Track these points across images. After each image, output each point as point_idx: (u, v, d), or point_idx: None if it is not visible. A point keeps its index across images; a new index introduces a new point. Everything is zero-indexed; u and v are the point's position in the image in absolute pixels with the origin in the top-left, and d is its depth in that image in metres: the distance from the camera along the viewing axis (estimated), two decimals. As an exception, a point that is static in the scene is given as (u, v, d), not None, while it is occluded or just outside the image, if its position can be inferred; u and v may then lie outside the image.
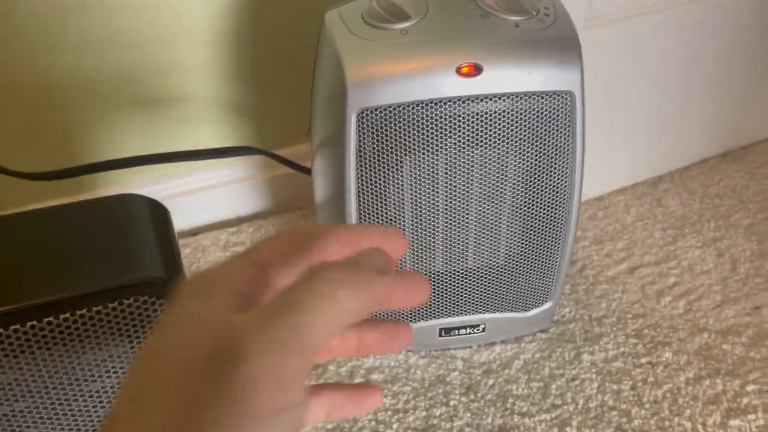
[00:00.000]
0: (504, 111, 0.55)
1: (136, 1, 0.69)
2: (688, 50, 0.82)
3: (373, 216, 0.59)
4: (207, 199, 0.84)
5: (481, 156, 0.57)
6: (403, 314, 0.65)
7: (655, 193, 0.90)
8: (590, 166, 0.85)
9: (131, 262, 0.48)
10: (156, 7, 0.70)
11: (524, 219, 0.61)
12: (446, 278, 0.63)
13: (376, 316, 0.28)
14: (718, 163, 0.96)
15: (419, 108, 0.54)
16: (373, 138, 0.55)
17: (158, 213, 0.55)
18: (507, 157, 0.57)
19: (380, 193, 0.58)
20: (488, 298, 0.65)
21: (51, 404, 0.48)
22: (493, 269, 0.64)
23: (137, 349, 0.48)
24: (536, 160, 0.58)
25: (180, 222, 0.84)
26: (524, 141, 0.56)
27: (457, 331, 0.67)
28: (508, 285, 0.65)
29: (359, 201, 0.58)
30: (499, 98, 0.54)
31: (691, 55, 0.83)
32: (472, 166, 0.58)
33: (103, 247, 0.50)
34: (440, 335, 0.67)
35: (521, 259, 0.63)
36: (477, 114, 0.54)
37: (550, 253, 0.63)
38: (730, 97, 0.91)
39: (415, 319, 0.65)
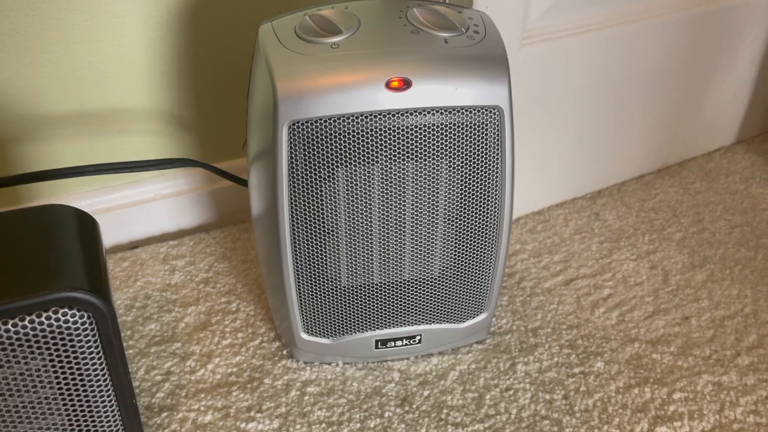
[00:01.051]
0: (433, 125, 0.56)
1: (72, 12, 0.69)
2: (621, 68, 0.85)
3: (307, 228, 0.59)
4: (148, 212, 0.83)
5: (414, 168, 0.58)
6: (338, 325, 0.65)
7: (594, 207, 0.93)
8: (530, 180, 0.88)
9: (53, 274, 0.47)
10: (92, 18, 0.70)
11: (458, 231, 0.62)
12: (382, 289, 0.64)
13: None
14: (655, 178, 0.99)
15: (350, 121, 0.54)
16: (304, 150, 0.55)
17: (86, 224, 0.54)
18: (439, 170, 0.58)
19: (314, 206, 0.58)
20: (424, 309, 0.66)
21: (-35, 419, 0.47)
22: (429, 281, 0.64)
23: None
24: (467, 173, 0.59)
25: (120, 235, 0.83)
26: (454, 154, 0.57)
27: (393, 343, 0.67)
28: (443, 296, 0.65)
29: (292, 213, 0.58)
30: (428, 112, 0.55)
31: (624, 73, 0.85)
32: (406, 179, 0.58)
33: (25, 258, 0.49)
34: (377, 347, 0.67)
35: (456, 270, 0.64)
36: (407, 127, 0.55)
37: (484, 265, 0.65)
38: (664, 114, 0.94)
39: (351, 330, 0.66)
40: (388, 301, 0.64)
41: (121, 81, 0.75)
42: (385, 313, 0.65)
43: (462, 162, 0.58)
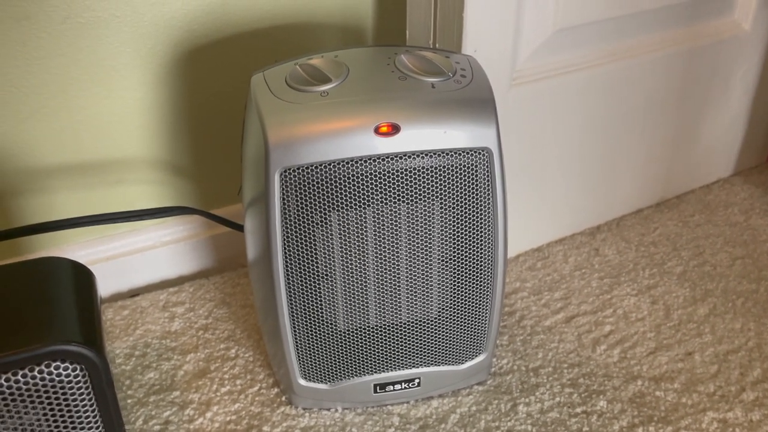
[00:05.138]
0: (423, 167, 0.56)
1: (69, 67, 0.71)
2: (613, 105, 0.86)
3: (301, 273, 0.59)
4: (147, 260, 0.84)
5: (407, 211, 0.58)
6: (335, 370, 0.65)
7: (593, 243, 0.92)
8: (528, 217, 0.88)
9: (47, 327, 0.48)
10: (89, 72, 0.72)
11: (453, 272, 0.62)
12: (379, 333, 0.64)
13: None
14: (653, 212, 0.98)
15: (340, 166, 0.55)
16: (296, 196, 0.56)
17: (81, 276, 0.55)
18: (432, 212, 0.59)
19: (307, 250, 0.58)
20: (422, 351, 0.65)
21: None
22: (426, 322, 0.64)
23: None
24: (459, 214, 0.59)
25: (120, 283, 0.84)
26: (446, 196, 0.58)
27: (392, 387, 0.67)
28: (441, 338, 0.65)
29: (286, 258, 0.58)
30: (418, 155, 0.56)
31: (617, 110, 0.86)
32: (399, 221, 0.59)
33: (19, 311, 0.49)
34: (375, 391, 0.66)
35: (453, 311, 0.64)
36: (397, 171, 0.56)
37: (481, 305, 0.64)
38: (659, 148, 0.94)
39: (349, 375, 0.65)
40: (386, 344, 0.64)
41: (119, 132, 0.76)
42: (382, 357, 0.65)
43: (454, 203, 0.59)
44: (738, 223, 0.96)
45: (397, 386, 0.67)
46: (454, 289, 0.63)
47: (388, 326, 0.63)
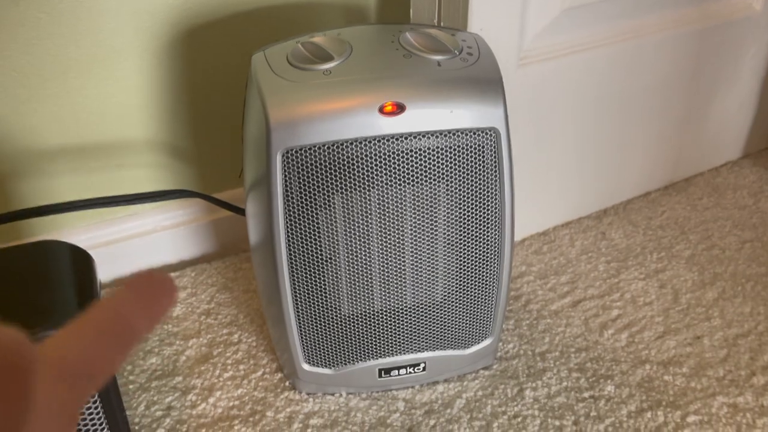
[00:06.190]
0: (429, 148, 0.55)
1: (68, 48, 0.69)
2: (622, 86, 0.84)
3: (305, 257, 0.58)
4: (148, 244, 0.83)
5: (412, 193, 0.57)
6: (339, 355, 0.64)
7: (600, 227, 0.91)
8: (534, 201, 0.87)
9: (46, 311, 0.47)
10: (89, 53, 0.70)
11: (459, 255, 0.61)
12: (384, 317, 0.63)
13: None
14: (661, 195, 0.97)
15: (344, 147, 0.54)
16: (299, 178, 0.55)
17: (81, 260, 0.54)
18: (437, 194, 0.58)
19: (311, 234, 0.57)
20: (427, 336, 0.64)
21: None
22: (431, 307, 0.63)
23: None
24: (466, 195, 0.58)
25: (121, 268, 0.83)
26: (452, 177, 0.57)
27: (397, 371, 0.66)
28: (446, 322, 0.64)
29: (289, 242, 0.57)
30: (423, 136, 0.54)
31: (625, 91, 0.85)
32: (404, 204, 0.58)
33: (18, 295, 0.48)
34: (380, 376, 0.66)
35: (458, 295, 0.63)
36: (402, 152, 0.55)
37: (487, 289, 0.63)
38: (668, 130, 0.93)
39: (353, 360, 0.64)
40: (391, 328, 0.63)
41: (119, 114, 0.75)
42: (387, 341, 0.64)
43: (460, 185, 0.57)
44: (747, 206, 0.95)
45: (402, 371, 0.66)
46: (460, 272, 0.62)
47: (393, 310, 0.62)
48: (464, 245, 0.60)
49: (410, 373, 0.66)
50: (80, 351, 0.20)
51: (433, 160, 0.55)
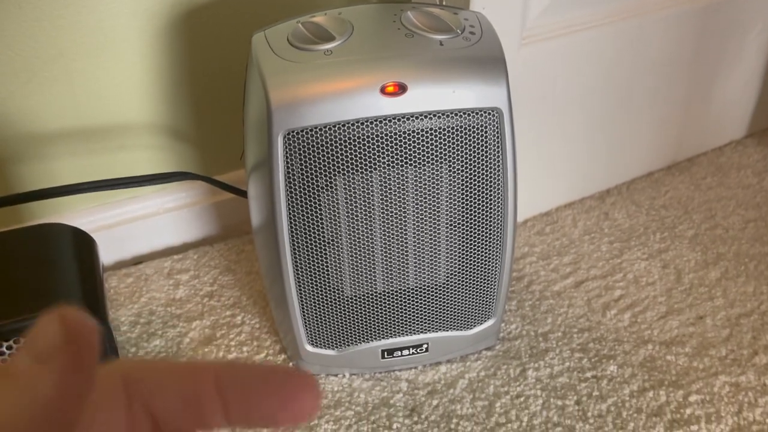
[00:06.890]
0: (431, 129, 0.54)
1: (67, 29, 0.69)
2: (626, 64, 0.83)
3: (307, 238, 0.58)
4: (150, 227, 0.83)
5: (414, 174, 0.57)
6: (342, 336, 0.64)
7: (603, 207, 0.91)
8: (537, 181, 0.86)
9: (48, 294, 0.47)
10: (89, 34, 0.70)
11: (462, 236, 0.61)
12: (387, 298, 0.63)
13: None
14: (664, 175, 0.97)
15: (345, 128, 0.53)
16: (301, 159, 0.54)
17: (82, 242, 0.54)
18: (439, 175, 0.57)
19: (313, 215, 0.57)
20: (430, 317, 0.65)
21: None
22: (434, 288, 0.63)
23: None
24: (468, 176, 0.58)
25: (124, 251, 0.83)
26: (454, 158, 0.56)
27: (400, 352, 0.66)
28: (449, 303, 0.64)
29: (291, 224, 0.57)
30: (425, 116, 0.54)
31: (629, 69, 0.84)
32: (406, 185, 0.57)
33: (20, 278, 0.48)
34: (383, 357, 0.66)
35: (461, 276, 0.63)
36: (404, 132, 0.54)
37: (490, 269, 0.63)
38: (671, 109, 0.92)
39: (356, 341, 0.64)
40: (393, 309, 0.63)
41: (119, 96, 0.74)
42: (390, 322, 0.64)
43: (462, 166, 0.57)
44: (751, 186, 0.94)
45: (405, 352, 0.66)
46: (463, 254, 0.62)
47: (396, 292, 0.63)
48: (467, 226, 0.60)
49: (413, 354, 0.66)
50: (156, 384, 0.18)
51: (436, 141, 0.55)
